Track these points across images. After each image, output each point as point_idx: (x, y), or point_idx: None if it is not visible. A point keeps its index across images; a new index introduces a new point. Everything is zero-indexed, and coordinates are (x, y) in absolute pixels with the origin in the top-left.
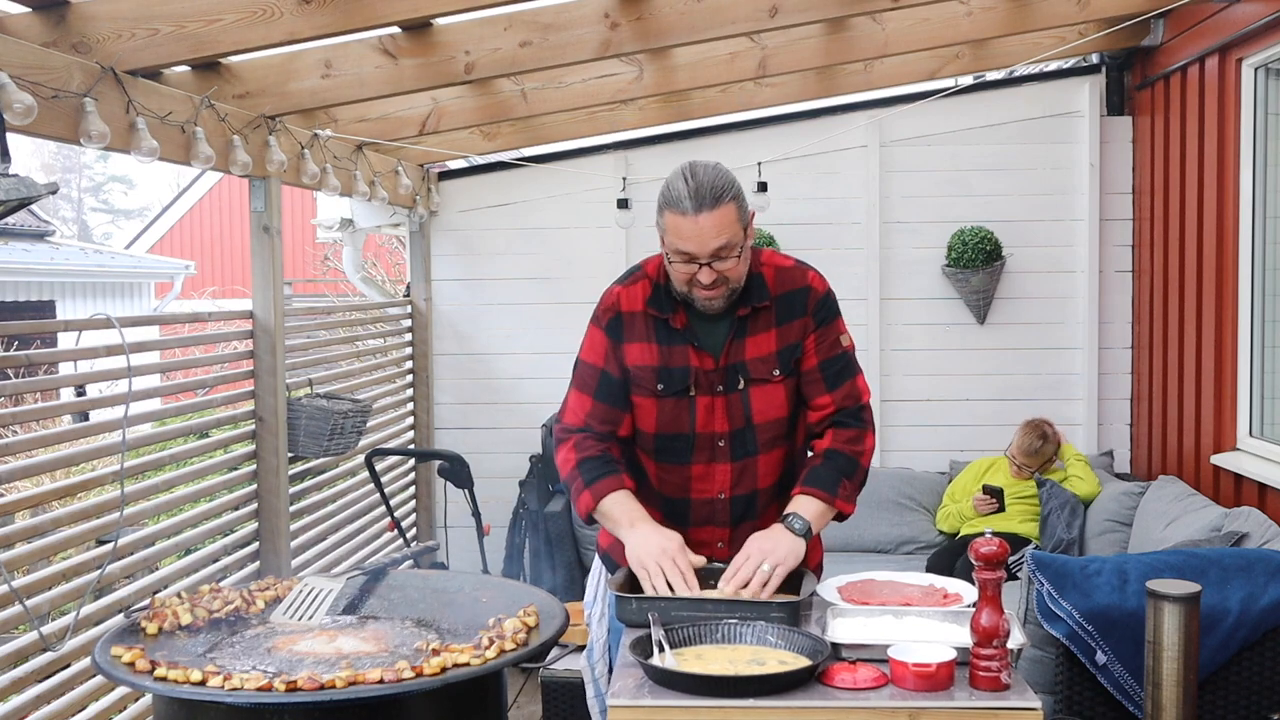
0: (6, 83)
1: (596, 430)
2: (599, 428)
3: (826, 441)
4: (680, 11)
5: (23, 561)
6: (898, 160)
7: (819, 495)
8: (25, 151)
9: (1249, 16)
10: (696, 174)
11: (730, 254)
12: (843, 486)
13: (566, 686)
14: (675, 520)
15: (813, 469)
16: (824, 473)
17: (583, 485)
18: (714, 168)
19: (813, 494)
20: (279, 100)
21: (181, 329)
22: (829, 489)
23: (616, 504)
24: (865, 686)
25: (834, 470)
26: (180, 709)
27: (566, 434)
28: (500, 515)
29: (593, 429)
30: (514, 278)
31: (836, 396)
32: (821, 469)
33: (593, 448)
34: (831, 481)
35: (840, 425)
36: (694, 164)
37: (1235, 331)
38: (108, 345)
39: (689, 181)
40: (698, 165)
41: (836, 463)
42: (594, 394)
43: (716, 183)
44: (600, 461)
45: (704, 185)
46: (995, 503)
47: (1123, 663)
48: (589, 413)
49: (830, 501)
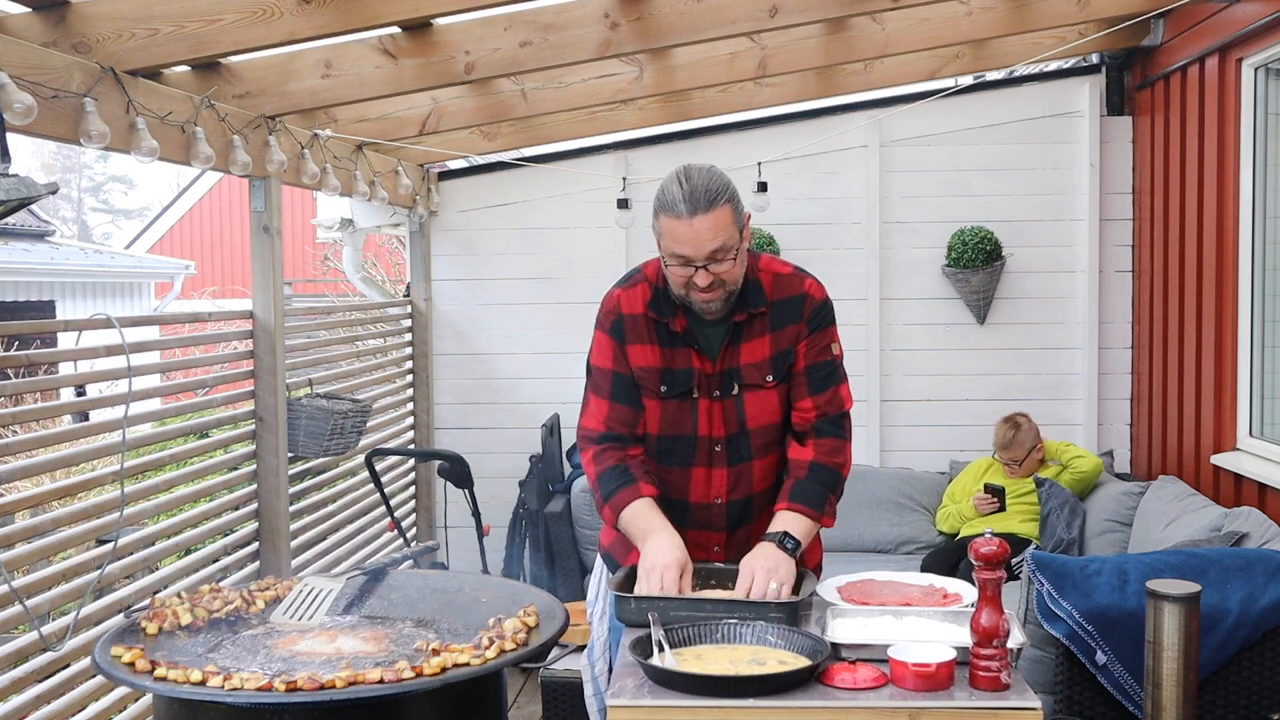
0: (6, 83)
1: (617, 433)
2: (619, 429)
3: (809, 453)
4: (680, 11)
5: (23, 561)
6: (898, 160)
7: (807, 513)
8: (25, 151)
9: (1249, 16)
10: (691, 177)
11: (726, 256)
12: (828, 502)
13: (566, 686)
14: (673, 522)
15: (799, 483)
16: (810, 489)
17: (602, 500)
18: (708, 171)
19: (802, 511)
20: (279, 100)
21: (181, 329)
22: (817, 506)
23: (633, 519)
24: (865, 686)
25: (820, 486)
26: (180, 709)
27: (588, 442)
28: (500, 515)
29: (614, 432)
30: (514, 278)
31: (819, 401)
32: (808, 484)
33: (611, 458)
34: (819, 499)
35: (821, 434)
36: (688, 167)
37: (1235, 331)
38: (108, 345)
39: (683, 185)
40: (692, 169)
41: (821, 477)
42: (610, 396)
43: (711, 186)
44: (616, 473)
45: (698, 188)
46: (996, 502)
47: (1123, 663)
48: (608, 416)
49: (818, 519)
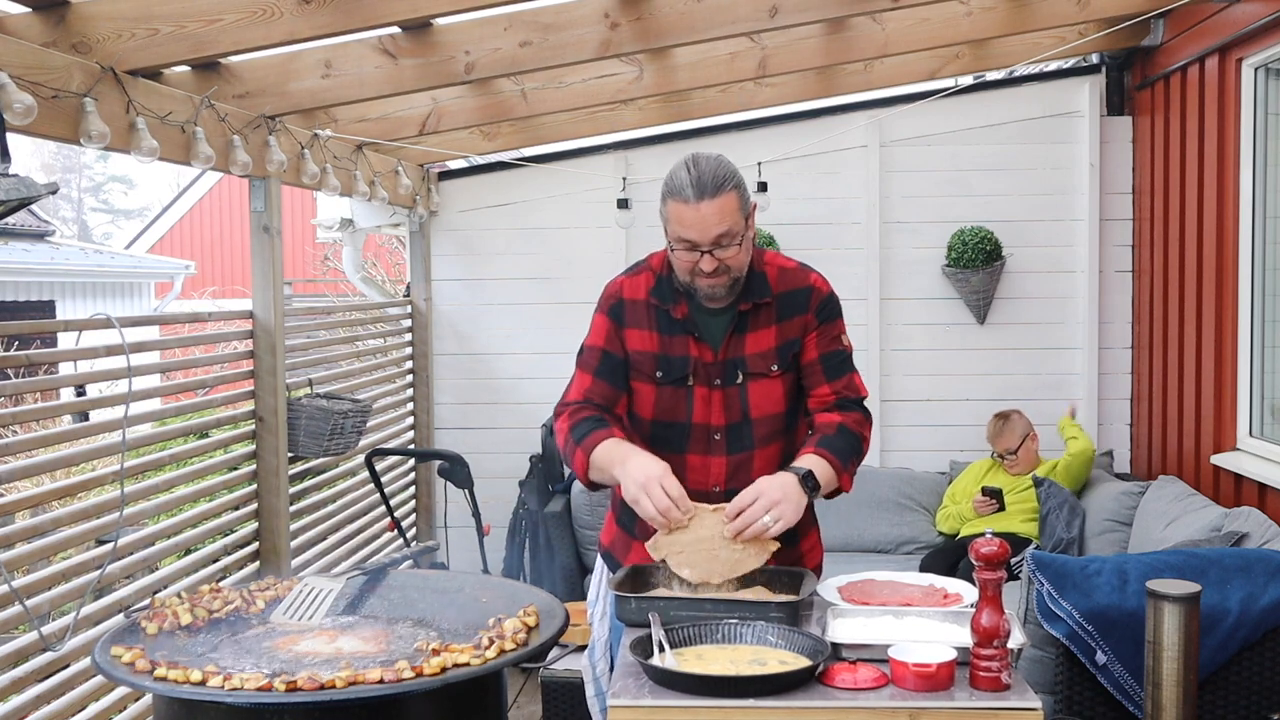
0: (6, 83)
1: (594, 403)
2: (598, 401)
3: (838, 417)
4: (680, 11)
5: (23, 561)
6: (898, 160)
7: (833, 462)
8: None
9: (1249, 16)
10: (699, 163)
11: (732, 242)
12: (851, 462)
13: (566, 686)
14: None
15: (826, 435)
16: (839, 443)
17: (574, 445)
18: (716, 159)
19: (828, 458)
20: (279, 100)
21: (181, 329)
22: (843, 459)
23: (605, 450)
24: (865, 686)
25: (847, 444)
26: (180, 709)
27: (562, 408)
28: (500, 515)
29: (591, 402)
30: (514, 278)
31: (837, 386)
32: (836, 439)
33: (585, 413)
34: (846, 452)
35: (847, 408)
36: (697, 155)
37: (1235, 332)
38: (108, 345)
39: (691, 171)
40: (700, 156)
41: (848, 438)
42: (594, 372)
43: (719, 172)
44: (591, 421)
45: (706, 174)
46: (995, 503)
47: (1123, 663)
48: (588, 389)
49: (840, 472)
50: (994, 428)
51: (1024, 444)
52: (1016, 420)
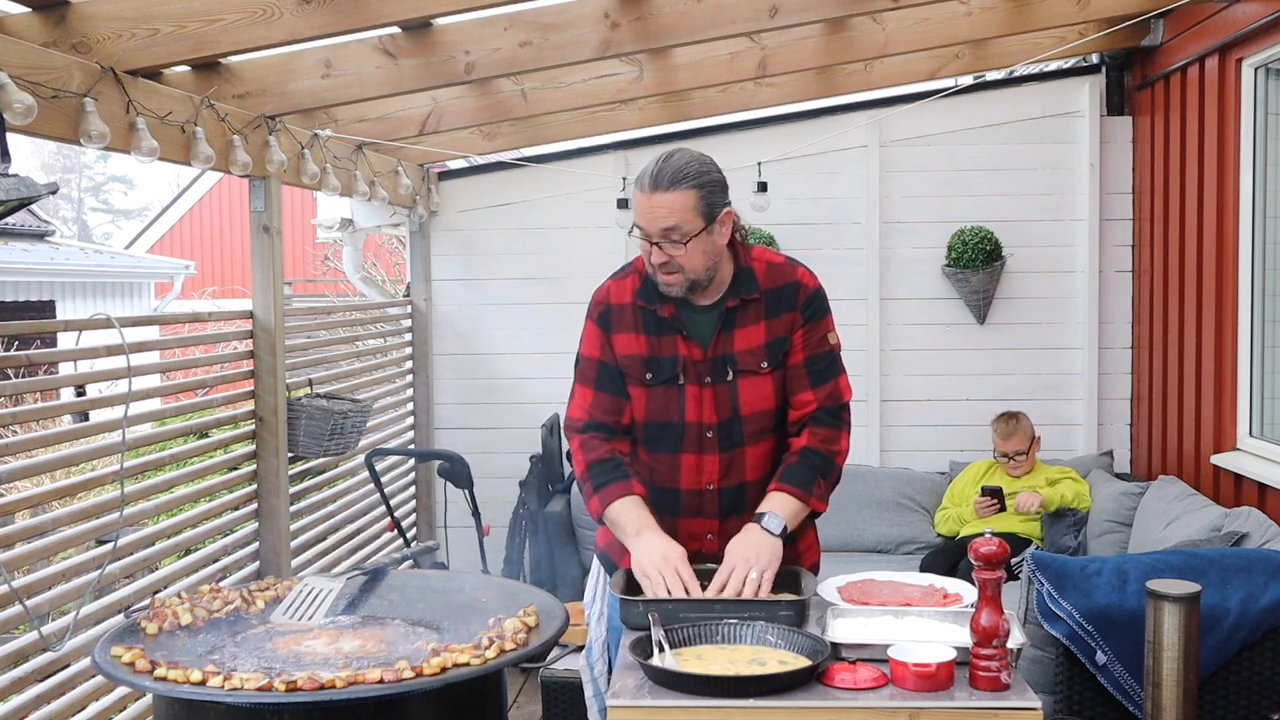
0: (6, 83)
1: (600, 421)
2: (603, 418)
3: (803, 440)
4: (680, 11)
5: (23, 561)
6: (898, 160)
7: (794, 493)
8: (25, 151)
9: (1249, 16)
10: (670, 157)
11: (682, 239)
12: (817, 485)
13: (566, 686)
14: (665, 510)
15: (788, 466)
16: (799, 471)
17: (592, 490)
18: (692, 157)
19: (788, 491)
20: (279, 100)
21: (181, 329)
22: (804, 487)
23: (623, 512)
24: (865, 686)
25: (809, 469)
26: (180, 709)
27: (573, 431)
28: (500, 515)
29: (597, 419)
30: (514, 278)
31: (819, 394)
32: (797, 467)
33: (599, 448)
34: (807, 480)
35: (817, 424)
36: (678, 149)
37: (1235, 331)
38: (108, 345)
39: (658, 162)
40: (679, 151)
41: (811, 461)
42: (595, 385)
43: (684, 168)
44: (609, 465)
45: (669, 168)
46: (996, 503)
47: (1123, 663)
48: (592, 404)
49: (805, 500)
50: (1004, 428)
51: (1031, 447)
52: (1024, 422)
